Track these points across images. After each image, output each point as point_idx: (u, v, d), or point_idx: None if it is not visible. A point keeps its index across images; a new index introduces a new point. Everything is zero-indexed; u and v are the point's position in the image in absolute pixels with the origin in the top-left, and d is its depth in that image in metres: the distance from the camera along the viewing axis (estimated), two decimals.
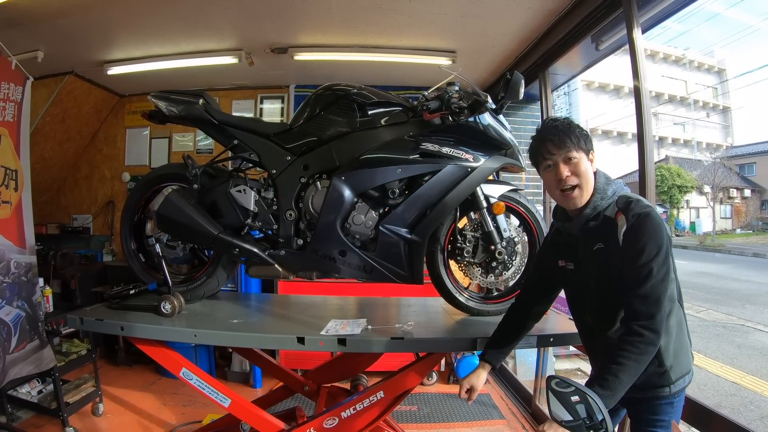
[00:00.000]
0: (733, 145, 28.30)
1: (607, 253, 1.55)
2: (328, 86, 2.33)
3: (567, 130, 1.59)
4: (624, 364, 1.37)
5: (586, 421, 1.27)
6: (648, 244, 1.44)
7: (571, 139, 1.58)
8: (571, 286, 1.78)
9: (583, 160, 1.59)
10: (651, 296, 1.41)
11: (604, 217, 1.57)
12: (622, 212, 1.52)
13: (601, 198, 1.58)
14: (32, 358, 3.21)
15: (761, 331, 7.04)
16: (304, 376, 2.88)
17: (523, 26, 3.50)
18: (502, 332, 1.93)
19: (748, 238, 22.25)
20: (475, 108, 2.08)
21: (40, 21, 3.43)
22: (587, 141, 1.61)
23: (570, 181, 1.59)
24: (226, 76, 4.94)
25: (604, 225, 1.56)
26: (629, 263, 1.46)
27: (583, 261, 1.65)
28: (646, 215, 1.48)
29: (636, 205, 1.51)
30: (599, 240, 1.58)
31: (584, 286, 1.66)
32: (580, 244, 1.65)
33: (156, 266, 2.42)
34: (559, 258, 1.76)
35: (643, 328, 1.39)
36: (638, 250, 1.44)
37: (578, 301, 1.75)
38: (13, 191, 3.21)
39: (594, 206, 1.58)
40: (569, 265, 1.72)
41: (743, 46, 38.69)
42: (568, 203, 1.62)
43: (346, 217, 2.22)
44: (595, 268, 1.61)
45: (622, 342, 1.41)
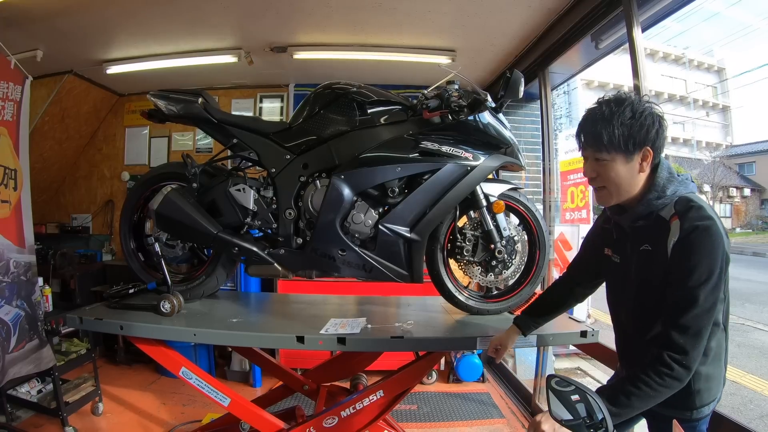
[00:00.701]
0: (732, 145, 28.27)
1: (653, 257, 1.39)
2: (328, 85, 2.32)
3: (606, 124, 1.36)
4: (642, 391, 1.27)
5: (585, 420, 1.26)
6: (699, 266, 1.27)
7: (607, 136, 1.36)
8: (613, 279, 1.63)
9: (617, 162, 1.38)
10: (692, 328, 1.27)
11: (657, 217, 1.39)
12: (678, 217, 1.33)
13: (657, 197, 1.38)
14: (32, 357, 3.20)
15: (761, 330, 7.03)
16: (304, 375, 2.88)
17: (522, 25, 3.49)
18: (543, 302, 1.89)
19: (748, 237, 22.25)
20: (474, 107, 2.07)
21: (39, 20, 3.42)
22: (633, 140, 1.35)
23: (595, 183, 1.45)
24: (226, 75, 4.93)
25: (655, 226, 1.39)
26: (675, 282, 1.31)
27: (629, 257, 1.49)
28: (705, 229, 1.28)
29: (695, 213, 1.31)
30: (647, 241, 1.41)
31: (626, 282, 1.51)
32: (629, 240, 1.49)
33: (155, 265, 2.42)
34: (606, 246, 1.62)
35: (676, 363, 1.26)
36: (687, 271, 1.28)
37: (617, 296, 1.61)
38: (12, 190, 3.20)
39: (647, 204, 1.39)
40: (615, 257, 1.57)
41: (743, 45, 38.73)
42: (599, 200, 1.49)
43: (345, 216, 2.21)
44: (639, 268, 1.45)
45: (649, 368, 1.28)
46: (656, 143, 1.37)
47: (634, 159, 1.38)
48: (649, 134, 1.35)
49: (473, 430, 3.64)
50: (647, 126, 1.35)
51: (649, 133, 1.35)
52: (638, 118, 1.35)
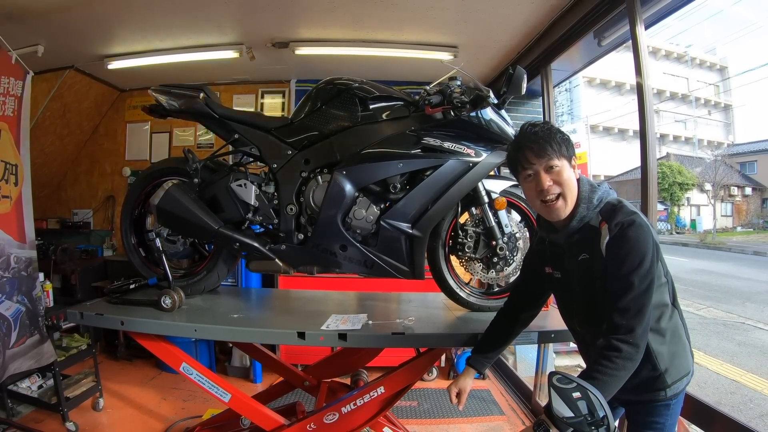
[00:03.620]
0: (734, 143, 28.23)
1: (591, 263, 1.50)
2: (330, 80, 2.32)
3: (547, 137, 1.50)
4: (599, 380, 1.32)
5: (587, 417, 1.26)
6: (630, 255, 1.39)
7: (552, 146, 1.49)
8: (559, 293, 1.74)
9: (565, 168, 1.51)
10: (632, 309, 1.37)
11: (589, 226, 1.51)
12: (605, 221, 1.46)
13: (586, 208, 1.51)
14: (32, 353, 3.21)
15: (761, 329, 7.03)
16: (305, 371, 2.89)
17: (525, 21, 3.48)
18: (490, 338, 1.92)
19: (749, 236, 22.23)
20: (477, 103, 2.07)
21: (41, 15, 3.41)
22: (569, 147, 1.53)
23: (552, 190, 1.51)
24: (227, 70, 4.92)
25: (588, 235, 1.51)
26: (611, 275, 1.42)
27: (569, 271, 1.60)
28: (630, 224, 1.42)
29: (619, 213, 1.45)
30: (584, 250, 1.52)
31: (572, 294, 1.62)
32: (566, 254, 1.60)
33: (156, 261, 2.43)
34: (546, 265, 1.72)
35: (622, 342, 1.35)
36: (619, 262, 1.40)
37: (567, 309, 1.71)
38: (13, 186, 3.20)
39: (580, 218, 1.52)
40: (556, 273, 1.67)
41: (746, 43, 38.64)
42: (551, 214, 1.55)
43: (347, 212, 2.21)
44: (580, 278, 1.55)
45: (599, 356, 1.37)
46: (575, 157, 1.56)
47: (570, 164, 1.53)
48: (571, 146, 1.54)
49: (473, 427, 3.64)
50: (568, 140, 1.54)
51: (571, 145, 1.54)
52: (562, 134, 1.55)
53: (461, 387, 1.90)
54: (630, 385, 1.38)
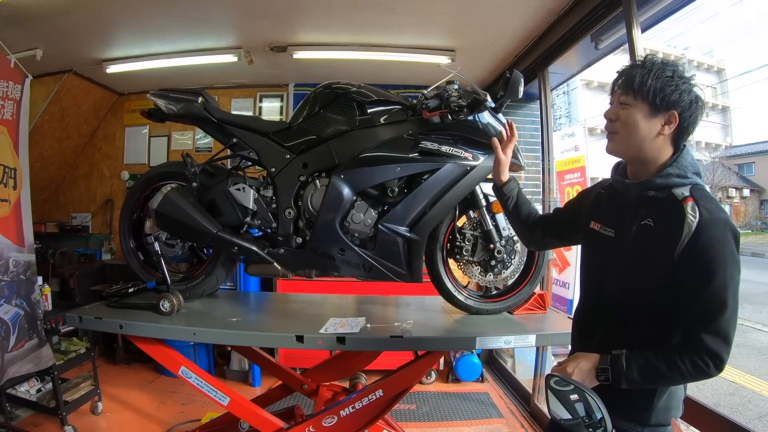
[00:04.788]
0: (732, 145, 28.28)
1: (654, 234, 1.30)
2: (328, 84, 2.33)
3: (644, 72, 1.31)
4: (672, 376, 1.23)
5: (585, 419, 1.27)
6: (728, 264, 1.21)
7: (640, 80, 1.30)
8: (601, 253, 1.47)
9: (639, 111, 1.31)
10: (726, 334, 1.21)
11: (671, 193, 1.29)
12: (694, 199, 1.25)
13: (678, 174, 1.31)
14: (31, 356, 3.21)
15: (760, 331, 7.04)
16: (303, 374, 2.89)
17: (522, 25, 3.49)
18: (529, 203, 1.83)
19: (747, 238, 22.23)
20: (474, 106, 2.08)
21: (39, 19, 3.42)
22: (663, 96, 1.29)
23: (610, 126, 1.38)
24: (226, 74, 4.93)
25: (665, 202, 1.30)
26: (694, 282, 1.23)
27: (625, 232, 1.39)
28: (726, 223, 1.23)
29: (713, 205, 1.26)
30: (651, 216, 1.32)
31: (618, 257, 1.40)
32: (630, 212, 1.39)
33: (155, 264, 2.43)
34: (594, 220, 1.51)
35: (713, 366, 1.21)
36: (714, 269, 1.21)
37: (603, 271, 1.45)
38: (11, 189, 3.20)
39: (667, 176, 1.31)
40: (608, 230, 1.45)
41: (744, 45, 38.77)
42: (607, 148, 1.41)
43: (345, 216, 2.22)
44: (636, 242, 1.35)
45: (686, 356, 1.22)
46: (686, 113, 1.30)
47: (656, 117, 1.31)
48: (681, 99, 1.29)
49: (472, 429, 3.64)
50: (682, 91, 1.29)
51: (681, 98, 1.29)
52: (676, 80, 1.30)
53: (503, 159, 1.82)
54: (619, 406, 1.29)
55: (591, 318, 1.48)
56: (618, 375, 1.27)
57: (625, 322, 1.36)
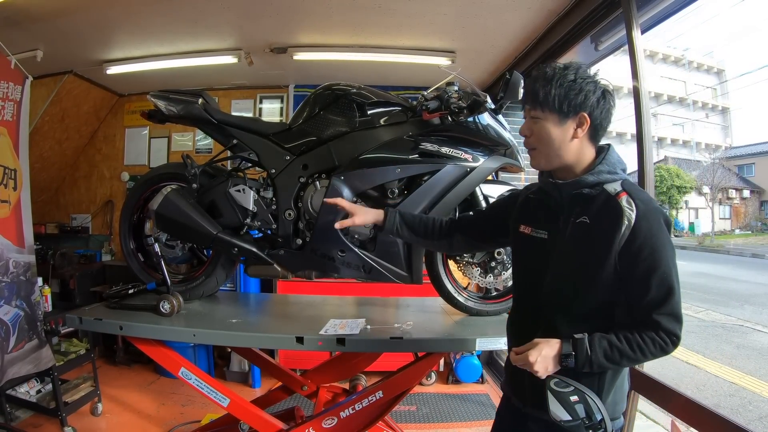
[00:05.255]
0: (732, 146, 28.32)
1: (590, 230, 1.33)
2: (328, 86, 2.33)
3: (546, 83, 1.34)
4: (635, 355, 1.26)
5: (585, 420, 1.27)
6: (668, 250, 1.27)
7: (543, 94, 1.33)
8: (534, 255, 1.48)
9: (549, 122, 1.35)
10: (678, 313, 1.27)
11: (603, 190, 1.33)
12: (627, 193, 1.30)
13: (608, 171, 1.36)
14: (31, 357, 3.20)
15: (760, 332, 7.05)
16: (303, 375, 2.88)
17: (522, 26, 3.49)
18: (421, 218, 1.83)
19: (747, 239, 22.27)
20: (474, 108, 2.08)
21: (40, 20, 3.42)
22: (569, 102, 1.32)
23: (527, 143, 1.40)
24: (226, 75, 4.93)
25: (599, 198, 1.33)
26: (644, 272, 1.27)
27: (562, 230, 1.40)
28: (659, 212, 1.29)
29: (645, 194, 1.32)
30: (587, 213, 1.34)
31: (553, 256, 1.41)
32: (563, 212, 1.40)
33: (155, 266, 2.42)
34: (525, 222, 1.52)
35: (673, 344, 1.27)
36: (656, 259, 1.26)
37: (538, 275, 1.45)
38: (12, 190, 3.20)
39: (598, 174, 1.35)
40: (540, 233, 1.46)
41: (743, 46, 38.78)
42: (531, 163, 1.44)
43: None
44: (572, 242, 1.36)
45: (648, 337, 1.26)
46: (595, 111, 1.34)
47: (567, 123, 1.34)
48: (587, 100, 1.32)
49: (472, 431, 3.64)
50: (586, 92, 1.32)
51: (587, 99, 1.32)
52: (579, 82, 1.33)
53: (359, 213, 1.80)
54: None
55: (528, 320, 1.47)
56: (583, 359, 1.27)
57: (568, 319, 1.36)
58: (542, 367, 1.28)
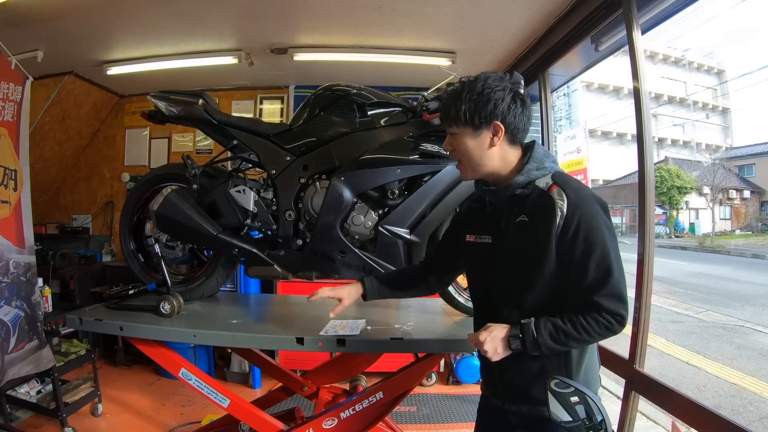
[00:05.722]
0: (732, 147, 28.32)
1: (531, 227, 1.38)
2: (328, 87, 2.33)
3: (456, 99, 1.39)
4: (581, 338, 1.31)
5: (585, 421, 1.26)
6: (603, 232, 1.31)
7: (455, 110, 1.39)
8: (482, 259, 1.53)
9: (465, 136, 1.40)
10: (619, 293, 1.31)
11: (536, 187, 1.39)
12: (558, 185, 1.35)
13: (536, 168, 1.41)
14: (31, 358, 3.20)
15: (761, 332, 7.04)
16: (303, 376, 2.88)
17: (522, 27, 3.50)
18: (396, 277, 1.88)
19: (748, 239, 22.26)
20: None
21: (40, 21, 3.42)
22: (479, 114, 1.37)
23: (452, 156, 1.46)
24: (226, 76, 4.93)
25: (533, 196, 1.38)
26: (580, 256, 1.31)
27: (503, 233, 1.45)
28: (592, 197, 1.34)
29: (575, 182, 1.38)
30: (524, 211, 1.40)
31: (500, 258, 1.45)
32: (503, 215, 1.46)
33: (155, 266, 2.43)
34: (469, 231, 1.57)
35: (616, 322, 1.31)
36: (591, 243, 1.30)
37: (487, 277, 1.50)
38: (12, 191, 3.21)
39: (527, 173, 1.40)
40: (484, 238, 1.51)
41: (743, 46, 38.74)
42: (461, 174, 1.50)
43: (345, 218, 2.22)
44: (515, 240, 1.41)
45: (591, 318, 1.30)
46: (507, 118, 1.38)
47: (482, 133, 1.39)
48: (497, 109, 1.37)
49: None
50: (495, 100, 1.36)
51: (497, 108, 1.36)
52: (486, 93, 1.36)
53: (343, 296, 1.81)
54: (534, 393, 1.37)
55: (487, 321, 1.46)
56: (530, 341, 1.32)
57: (523, 314, 1.39)
58: (491, 347, 1.34)
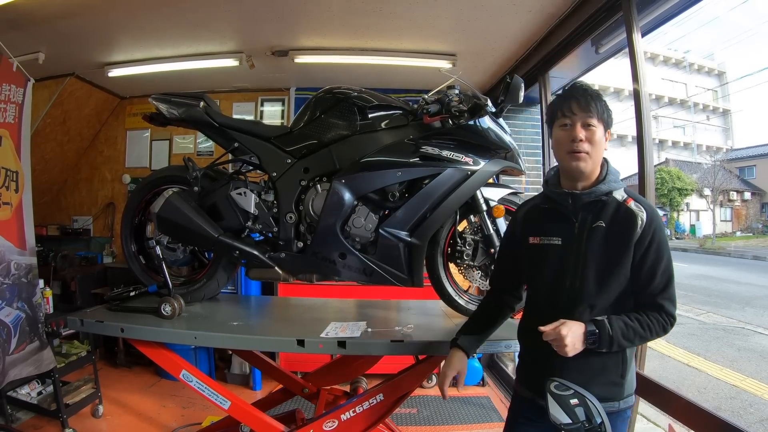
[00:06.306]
0: (733, 148, 28.31)
1: (608, 232, 1.51)
2: (329, 89, 2.33)
3: (596, 97, 1.55)
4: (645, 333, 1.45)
5: (584, 424, 1.27)
6: (667, 245, 1.50)
7: (597, 106, 1.53)
8: (551, 262, 1.60)
9: (600, 131, 1.54)
10: (675, 299, 1.49)
11: (614, 198, 1.54)
12: (633, 199, 1.53)
13: (614, 180, 1.57)
14: (32, 359, 3.21)
15: (761, 334, 7.03)
16: (304, 378, 2.89)
17: (522, 30, 3.50)
18: (478, 321, 1.87)
19: (748, 241, 22.25)
20: (475, 111, 2.08)
21: (42, 23, 3.43)
22: (610, 117, 1.56)
23: (582, 146, 1.52)
24: (227, 78, 4.94)
25: (611, 205, 1.53)
26: (651, 263, 1.48)
27: (578, 235, 1.55)
28: (658, 212, 1.53)
29: (645, 199, 1.57)
30: (602, 218, 1.52)
31: (570, 260, 1.54)
32: (577, 219, 1.56)
33: (156, 268, 2.43)
34: (533, 234, 1.65)
35: (670, 324, 1.48)
36: (661, 252, 1.48)
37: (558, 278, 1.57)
38: (13, 192, 3.21)
39: (609, 184, 1.55)
40: (553, 240, 1.59)
41: (744, 48, 38.80)
42: (571, 164, 1.54)
43: (346, 220, 2.22)
44: (592, 245, 1.52)
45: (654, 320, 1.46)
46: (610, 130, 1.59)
47: (605, 134, 1.56)
48: (611, 118, 1.57)
49: None
50: (610, 111, 1.58)
51: (611, 119, 1.57)
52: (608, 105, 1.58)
53: (460, 369, 1.73)
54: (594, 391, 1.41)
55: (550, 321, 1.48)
56: (606, 337, 1.41)
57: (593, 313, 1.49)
58: (571, 342, 1.39)
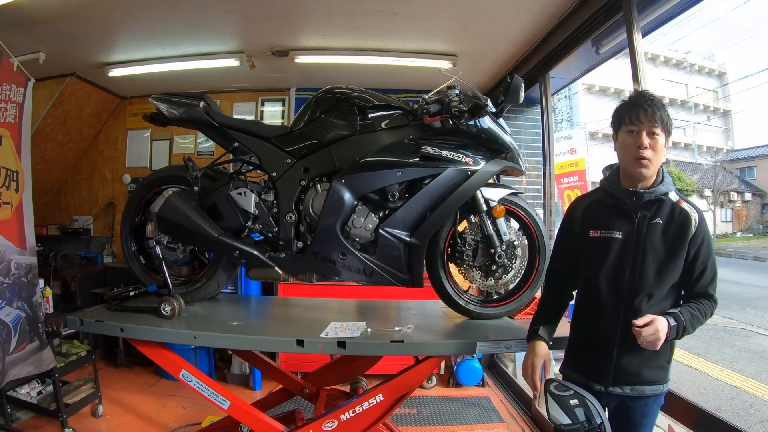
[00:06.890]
0: (733, 149, 28.27)
1: (666, 229, 1.67)
2: (329, 89, 2.33)
3: (662, 107, 1.65)
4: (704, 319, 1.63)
5: (584, 424, 1.27)
6: (712, 243, 1.69)
7: (662, 116, 1.63)
8: (611, 254, 1.72)
9: (662, 139, 1.65)
10: (717, 287, 1.70)
11: (669, 198, 1.70)
12: (684, 201, 1.70)
13: (670, 182, 1.72)
14: (32, 359, 3.21)
15: (761, 335, 7.03)
16: (304, 378, 2.89)
17: (523, 30, 3.50)
18: (548, 308, 1.93)
19: (749, 242, 22.24)
20: (475, 111, 2.09)
21: (42, 23, 3.43)
22: (671, 125, 1.67)
23: (646, 153, 1.63)
24: (227, 78, 4.94)
25: (666, 204, 1.69)
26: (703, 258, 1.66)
27: (638, 230, 1.69)
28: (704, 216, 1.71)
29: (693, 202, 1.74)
30: (659, 215, 1.68)
31: (630, 253, 1.69)
32: (637, 215, 1.70)
33: (156, 268, 2.43)
34: (593, 227, 1.77)
35: (713, 309, 1.68)
36: (710, 248, 1.68)
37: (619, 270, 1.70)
38: (14, 192, 3.21)
39: (666, 186, 1.69)
40: (614, 233, 1.72)
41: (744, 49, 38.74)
42: (636, 169, 1.67)
43: (346, 220, 2.22)
44: (652, 239, 1.67)
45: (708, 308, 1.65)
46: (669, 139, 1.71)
47: (665, 142, 1.68)
48: (671, 128, 1.69)
49: None
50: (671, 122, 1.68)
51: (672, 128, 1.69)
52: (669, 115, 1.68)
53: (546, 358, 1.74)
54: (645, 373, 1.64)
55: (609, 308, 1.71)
56: (681, 328, 1.57)
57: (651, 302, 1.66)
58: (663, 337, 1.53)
